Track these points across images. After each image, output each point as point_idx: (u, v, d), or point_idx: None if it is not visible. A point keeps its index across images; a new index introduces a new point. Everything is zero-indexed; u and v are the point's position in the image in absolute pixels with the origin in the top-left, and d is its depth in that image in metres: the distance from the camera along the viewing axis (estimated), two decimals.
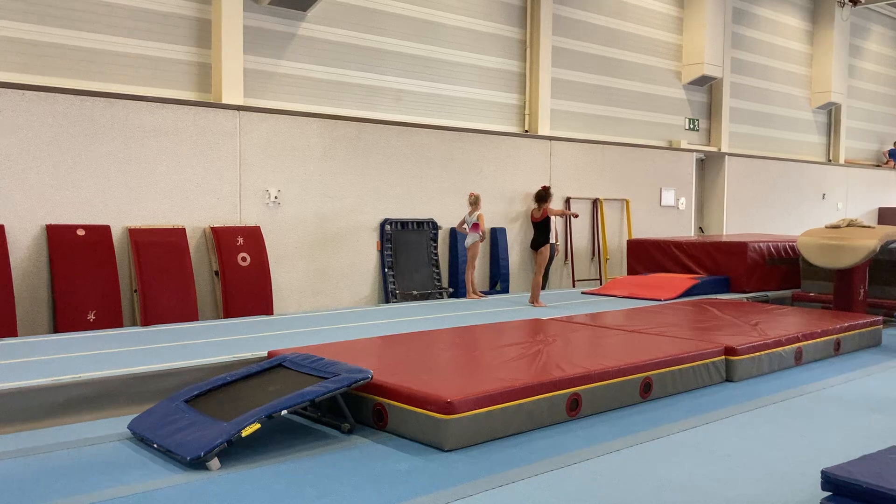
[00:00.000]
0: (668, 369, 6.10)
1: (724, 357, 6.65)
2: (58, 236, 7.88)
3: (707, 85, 15.96)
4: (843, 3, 18.81)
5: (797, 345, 7.35)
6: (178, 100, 8.81)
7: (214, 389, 5.24)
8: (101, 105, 8.23)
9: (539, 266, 9.69)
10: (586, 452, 4.68)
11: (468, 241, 10.28)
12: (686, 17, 15.41)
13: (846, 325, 8.10)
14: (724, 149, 16.29)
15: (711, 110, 16.30)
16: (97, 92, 8.26)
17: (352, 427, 5.07)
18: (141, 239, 8.32)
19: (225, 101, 9.13)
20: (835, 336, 7.88)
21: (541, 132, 12.64)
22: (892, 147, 21.80)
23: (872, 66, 21.22)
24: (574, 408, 5.38)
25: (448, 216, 11.20)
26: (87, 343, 6.68)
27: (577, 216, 11.06)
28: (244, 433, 4.44)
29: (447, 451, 4.67)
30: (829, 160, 19.91)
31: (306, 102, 10.09)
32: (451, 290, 11.08)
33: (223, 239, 8.89)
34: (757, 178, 17.09)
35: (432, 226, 11.04)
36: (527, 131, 12.67)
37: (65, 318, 7.77)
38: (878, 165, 21.48)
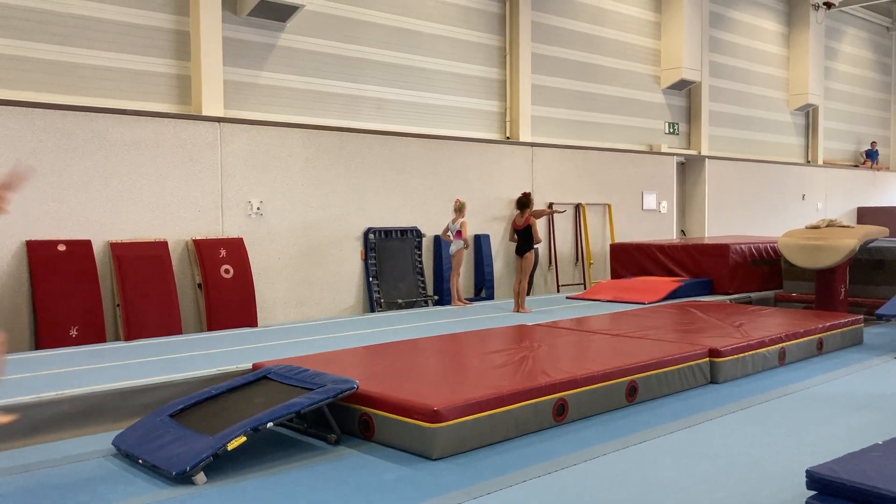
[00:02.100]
0: (653, 372, 6.13)
1: (708, 359, 6.69)
2: (38, 252, 7.81)
3: (686, 89, 16.09)
4: (818, 6, 19.03)
5: (781, 345, 7.41)
6: (159, 112, 8.78)
7: (199, 403, 5.20)
8: (80, 119, 8.18)
9: (524, 272, 9.70)
10: (573, 457, 4.69)
11: (452, 248, 10.29)
12: (663, 21, 15.54)
13: (828, 324, 8.18)
14: (705, 152, 16.41)
15: (691, 114, 16.43)
16: (77, 106, 8.21)
17: (338, 438, 5.05)
18: (123, 253, 8.26)
19: (205, 112, 9.10)
20: (817, 335, 7.95)
21: (522, 139, 12.68)
22: (870, 147, 22.06)
23: (848, 67, 21.47)
24: (560, 413, 5.40)
25: (432, 224, 11.20)
26: (69, 359, 6.61)
27: (563, 210, 11.19)
28: (230, 446, 4.41)
29: (435, 459, 4.66)
30: (808, 161, 20.11)
31: (287, 113, 10.07)
32: (435, 297, 11.08)
33: (206, 251, 8.85)
34: (737, 181, 17.22)
35: (416, 234, 11.04)
36: (508, 138, 12.71)
37: (47, 334, 7.69)
38: (856, 166, 21.73)
